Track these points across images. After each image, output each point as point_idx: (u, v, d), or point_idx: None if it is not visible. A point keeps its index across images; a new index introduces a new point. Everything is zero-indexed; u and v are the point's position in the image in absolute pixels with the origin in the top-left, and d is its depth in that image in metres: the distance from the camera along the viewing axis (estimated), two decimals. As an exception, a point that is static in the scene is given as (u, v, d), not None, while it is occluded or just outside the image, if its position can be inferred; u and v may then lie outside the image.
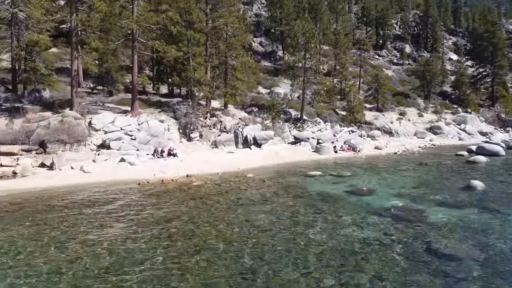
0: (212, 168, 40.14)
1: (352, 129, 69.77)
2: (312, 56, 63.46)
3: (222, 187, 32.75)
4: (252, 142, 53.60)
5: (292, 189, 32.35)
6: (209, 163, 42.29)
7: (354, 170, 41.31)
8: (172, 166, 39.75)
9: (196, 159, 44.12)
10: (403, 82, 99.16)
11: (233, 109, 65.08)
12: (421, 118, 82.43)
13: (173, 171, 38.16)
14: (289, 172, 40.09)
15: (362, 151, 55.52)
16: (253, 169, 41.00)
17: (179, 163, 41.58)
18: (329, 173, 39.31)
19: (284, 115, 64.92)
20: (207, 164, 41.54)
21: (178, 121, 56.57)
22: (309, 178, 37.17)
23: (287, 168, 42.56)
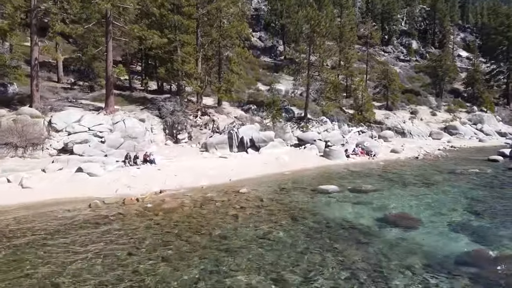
0: (197, 180, 30.02)
1: (361, 129, 59.56)
2: (318, 47, 53.06)
3: (202, 212, 22.55)
4: (249, 144, 43.39)
5: (301, 215, 22.27)
6: (194, 172, 32.15)
7: (377, 182, 31.27)
8: (145, 178, 29.61)
9: (179, 167, 33.96)
10: (412, 79, 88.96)
11: (228, 106, 54.86)
12: (434, 117, 72.19)
13: (143, 184, 28.03)
14: (295, 185, 30.04)
15: (377, 155, 45.16)
16: (248, 180, 30.97)
17: (155, 173, 31.41)
18: (347, 187, 29.11)
19: (286, 114, 54.70)
20: (191, 174, 31.40)
21: (164, 120, 46.40)
22: (322, 195, 27.03)
23: (291, 179, 32.54)
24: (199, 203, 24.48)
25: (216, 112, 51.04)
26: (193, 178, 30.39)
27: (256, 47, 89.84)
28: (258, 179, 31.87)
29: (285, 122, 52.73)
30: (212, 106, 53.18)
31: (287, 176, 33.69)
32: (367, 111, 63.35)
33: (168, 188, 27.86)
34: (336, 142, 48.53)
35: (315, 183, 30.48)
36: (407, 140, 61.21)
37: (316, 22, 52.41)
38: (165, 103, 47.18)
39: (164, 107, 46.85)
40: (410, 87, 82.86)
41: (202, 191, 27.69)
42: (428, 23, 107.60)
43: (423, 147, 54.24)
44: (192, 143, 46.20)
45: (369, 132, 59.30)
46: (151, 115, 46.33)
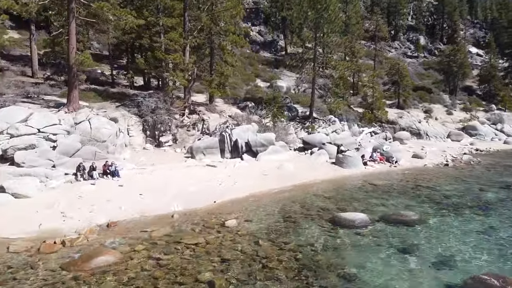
0: (168, 202, 20.58)
1: (374, 130, 49.98)
2: (326, 35, 43.48)
3: (156, 275, 12.99)
4: (244, 149, 34.09)
5: (323, 280, 12.50)
6: (168, 189, 22.81)
7: (417, 204, 22.12)
8: (95, 199, 20.29)
9: (150, 181, 24.64)
10: (421, 76, 79.30)
11: (221, 104, 45.44)
12: (450, 117, 62.64)
13: (87, 212, 18.52)
14: (304, 211, 20.81)
15: (399, 161, 35.71)
16: (240, 203, 21.75)
17: (114, 191, 22.03)
18: (378, 214, 19.69)
19: (289, 112, 45.25)
20: (163, 193, 22.07)
21: (143, 120, 36.98)
22: (346, 232, 17.60)
23: (299, 199, 23.26)
24: (158, 249, 14.97)
25: (207, 110, 41.62)
26: (164, 199, 20.93)
27: (255, 42, 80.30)
28: (254, 200, 22.47)
29: (287, 122, 43.28)
30: (203, 104, 43.75)
31: (293, 194, 24.33)
32: (379, 109, 53.85)
33: (122, 217, 18.41)
34: (348, 145, 39.05)
35: (332, 206, 21.16)
36: (425, 142, 51.74)
37: (324, 6, 42.88)
38: (145, 99, 37.68)
39: (144, 104, 37.41)
40: (422, 84, 73.24)
41: (170, 223, 18.27)
42: (436, 17, 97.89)
43: (446, 151, 44.74)
44: (177, 146, 36.86)
45: (382, 133, 49.70)
46: (128, 113, 37.03)
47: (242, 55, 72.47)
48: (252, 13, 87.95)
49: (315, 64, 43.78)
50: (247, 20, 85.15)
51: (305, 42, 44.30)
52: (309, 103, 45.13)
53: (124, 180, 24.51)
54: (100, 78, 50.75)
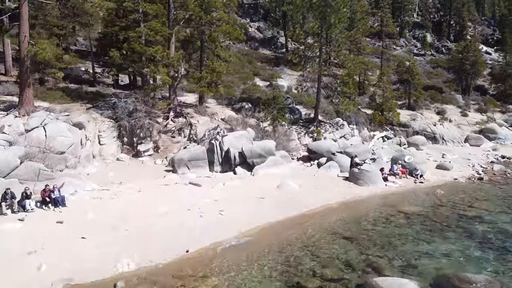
0: (115, 256, 13.27)
1: (386, 134, 42.73)
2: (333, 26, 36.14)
3: None
4: (238, 161, 26.96)
5: None
6: (121, 227, 15.46)
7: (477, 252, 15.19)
8: (4, 252, 12.75)
9: (104, 213, 17.60)
10: (430, 75, 71.87)
11: (213, 105, 38.30)
12: (465, 119, 55.29)
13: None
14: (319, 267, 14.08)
15: (424, 175, 28.42)
16: (224, 254, 14.28)
17: (47, 232, 15.15)
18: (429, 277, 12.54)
19: (291, 115, 38.06)
20: (113, 236, 14.74)
21: (119, 124, 29.84)
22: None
23: (307, 242, 16.29)
24: None
25: (197, 113, 34.49)
26: (113, 248, 13.70)
27: (254, 39, 73.08)
28: (245, 247, 15.24)
29: (289, 126, 36.11)
30: (192, 105, 36.55)
31: (300, 231, 17.05)
32: (390, 110, 46.59)
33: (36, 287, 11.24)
34: (361, 154, 31.73)
35: (359, 259, 14.06)
36: (442, 147, 44.50)
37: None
38: (121, 100, 30.49)
39: (120, 106, 30.26)
40: (431, 83, 65.86)
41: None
42: (443, 14, 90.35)
43: (470, 159, 37.57)
44: (158, 156, 29.82)
45: (395, 138, 42.49)
46: (100, 117, 30.00)
47: (240, 52, 65.46)
48: (251, 9, 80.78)
49: (321, 60, 36.47)
50: (246, 16, 78.01)
51: (309, 35, 36.97)
52: (313, 104, 37.87)
53: (69, 211, 17.44)
54: (83, 76, 43.89)
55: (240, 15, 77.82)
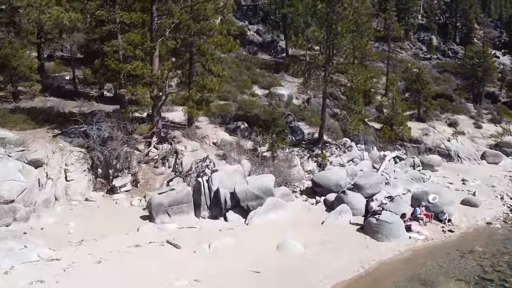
0: None
1: (398, 154, 37.41)
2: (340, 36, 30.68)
3: None
4: (229, 204, 21.81)
5: None
6: None
7: None
8: None
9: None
10: (437, 81, 66.34)
11: (205, 123, 33.09)
12: (479, 131, 50.06)
13: None
14: None
15: (452, 217, 23.11)
16: None
17: None
18: None
19: (292, 135, 32.74)
20: None
21: (91, 155, 24.56)
22: None
23: None
24: None
25: (185, 136, 29.28)
26: None
27: (252, 43, 67.61)
28: None
29: (290, 150, 30.71)
30: (180, 125, 31.22)
31: None
32: (400, 124, 41.34)
33: None
34: (373, 186, 26.52)
35: None
36: (458, 167, 39.43)
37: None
38: (93, 127, 25.16)
39: (93, 133, 24.97)
40: (440, 91, 60.37)
41: None
42: (449, 16, 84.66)
43: (495, 185, 32.36)
44: (136, 193, 24.75)
45: (408, 158, 37.22)
46: (69, 145, 24.71)
47: (237, 58, 60.06)
48: (250, 10, 75.27)
49: (327, 73, 31.08)
50: (244, 18, 72.55)
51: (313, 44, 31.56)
52: (318, 123, 32.42)
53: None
54: (66, 86, 38.74)
55: (238, 17, 72.31)
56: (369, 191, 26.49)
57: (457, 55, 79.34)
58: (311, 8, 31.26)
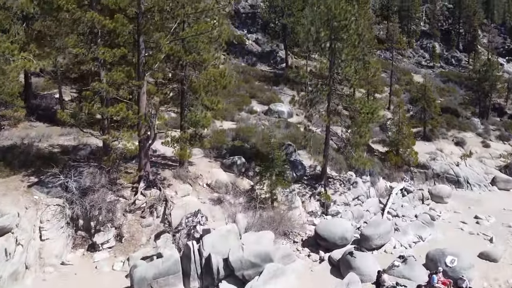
0: None
1: (405, 185, 34.55)
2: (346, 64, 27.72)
3: None
4: (222, 274, 18.96)
5: None
6: None
7: None
8: None
9: None
10: (441, 92, 63.23)
11: (199, 157, 30.26)
12: (487, 150, 47.08)
13: None
14: None
15: (472, 282, 20.20)
16: None
17: None
18: None
19: (293, 171, 29.81)
20: None
21: (71, 208, 21.75)
22: None
23: None
24: None
25: (176, 177, 26.47)
26: None
27: (251, 53, 64.65)
28: None
29: (291, 189, 27.71)
30: (171, 163, 28.20)
31: None
32: (407, 148, 38.47)
33: None
34: (382, 236, 23.75)
35: None
36: (468, 196, 36.64)
37: (343, 24, 27.19)
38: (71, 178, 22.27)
39: (72, 182, 22.10)
40: (445, 104, 57.25)
41: None
42: (452, 22, 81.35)
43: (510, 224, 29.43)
44: (120, 251, 22.02)
45: (417, 190, 34.37)
46: (46, 197, 21.98)
47: (236, 70, 57.04)
48: (249, 19, 72.11)
49: (330, 105, 28.13)
50: (243, 27, 69.54)
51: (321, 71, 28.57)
52: (318, 159, 29.41)
53: None
54: (55, 107, 36.02)
55: (236, 25, 69.30)
56: (377, 241, 23.80)
57: (461, 63, 76.42)
58: (313, 35, 28.11)
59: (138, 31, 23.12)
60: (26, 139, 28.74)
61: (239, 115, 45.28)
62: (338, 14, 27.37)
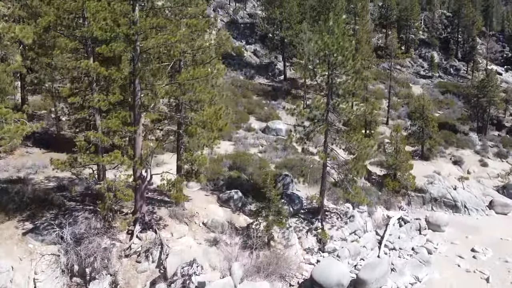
0: None
1: (402, 215, 34.44)
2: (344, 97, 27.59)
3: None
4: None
5: None
6: None
7: None
8: None
9: None
10: (440, 104, 62.91)
11: (195, 190, 30.29)
12: (485, 169, 46.96)
13: None
14: None
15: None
16: None
17: None
18: None
19: (290, 205, 29.61)
20: None
21: (66, 256, 21.56)
22: None
23: None
24: None
25: (172, 217, 26.40)
26: None
27: (250, 65, 64.37)
28: None
29: (288, 226, 27.51)
30: (167, 199, 27.89)
31: None
32: (405, 171, 38.33)
33: None
34: (378, 280, 23.66)
35: None
36: (466, 222, 36.59)
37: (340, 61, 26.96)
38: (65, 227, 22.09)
39: (67, 231, 21.91)
40: (443, 118, 57.04)
41: None
42: (450, 31, 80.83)
43: (508, 260, 29.34)
44: (117, 300, 21.40)
45: (414, 220, 34.18)
46: (41, 245, 21.89)
47: (233, 83, 56.98)
48: (247, 29, 71.77)
49: (327, 147, 27.91)
50: (241, 37, 69.27)
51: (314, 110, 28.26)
52: (314, 196, 29.22)
53: None
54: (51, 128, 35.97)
55: (235, 36, 68.83)
56: (374, 286, 23.59)
57: (459, 72, 76.12)
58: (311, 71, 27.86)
59: (133, 75, 22.79)
60: (22, 170, 28.65)
61: (237, 133, 45.21)
62: (336, 50, 27.04)
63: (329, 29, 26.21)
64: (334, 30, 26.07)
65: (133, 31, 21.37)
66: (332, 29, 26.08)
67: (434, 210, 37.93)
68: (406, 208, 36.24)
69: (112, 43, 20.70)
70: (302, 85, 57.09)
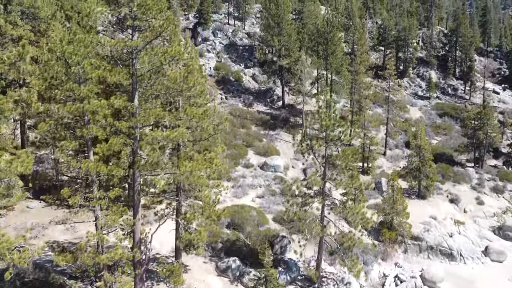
0: None
1: (399, 273, 34.80)
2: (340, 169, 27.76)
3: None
4: None
5: None
6: None
7: None
8: None
9: None
10: (437, 130, 62.83)
11: (192, 258, 30.14)
12: (481, 208, 47.19)
13: None
14: None
15: None
16: None
17: None
18: None
19: (287, 273, 29.99)
20: None
21: None
22: None
23: None
24: None
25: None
26: None
27: (248, 91, 64.34)
28: None
29: (285, 295, 27.91)
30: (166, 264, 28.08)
31: None
32: (401, 215, 38.73)
33: None
34: None
35: None
36: (461, 275, 36.72)
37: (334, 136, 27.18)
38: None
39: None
40: (441, 148, 57.08)
41: None
42: (448, 49, 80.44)
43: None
44: None
45: (410, 279, 34.47)
46: None
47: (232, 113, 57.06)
48: (246, 51, 71.49)
49: (323, 221, 28.13)
50: (240, 61, 69.02)
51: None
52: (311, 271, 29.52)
53: None
54: (52, 170, 36.16)
55: (233, 59, 68.76)
56: None
57: (457, 92, 76.05)
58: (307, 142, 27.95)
59: (133, 168, 22.89)
60: (21, 231, 28.60)
61: (236, 171, 45.47)
62: (332, 125, 27.13)
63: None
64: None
65: (132, 123, 21.39)
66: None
67: (431, 258, 38.31)
68: (402, 263, 36.43)
69: (112, 139, 20.80)
70: (301, 111, 57.38)
